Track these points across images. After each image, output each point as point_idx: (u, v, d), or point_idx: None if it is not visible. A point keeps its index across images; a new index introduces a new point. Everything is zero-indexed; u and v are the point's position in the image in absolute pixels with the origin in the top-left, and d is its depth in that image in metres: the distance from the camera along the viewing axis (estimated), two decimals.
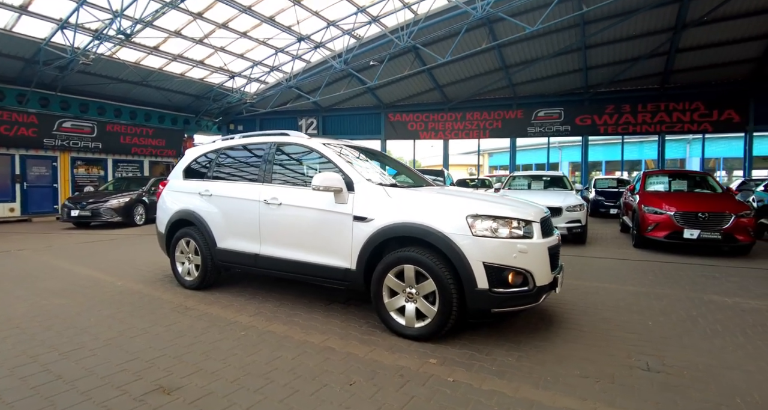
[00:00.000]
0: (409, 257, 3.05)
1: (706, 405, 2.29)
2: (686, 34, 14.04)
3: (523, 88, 18.43)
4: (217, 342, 3.06)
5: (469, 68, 17.18)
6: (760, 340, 3.21)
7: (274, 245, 3.81)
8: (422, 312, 3.06)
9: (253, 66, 16.04)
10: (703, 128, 16.80)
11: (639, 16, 13.30)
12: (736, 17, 13.19)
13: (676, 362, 2.82)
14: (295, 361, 2.74)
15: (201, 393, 2.33)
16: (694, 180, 8.78)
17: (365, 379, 2.50)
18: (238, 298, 4.18)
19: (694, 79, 16.40)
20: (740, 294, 4.50)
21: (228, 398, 2.28)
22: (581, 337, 3.23)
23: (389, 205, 3.25)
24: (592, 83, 17.48)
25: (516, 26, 13.09)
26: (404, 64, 16.30)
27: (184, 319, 3.56)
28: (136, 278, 5.01)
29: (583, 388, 2.45)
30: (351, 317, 3.63)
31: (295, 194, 3.73)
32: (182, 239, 4.52)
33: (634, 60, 15.65)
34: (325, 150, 3.77)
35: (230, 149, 4.52)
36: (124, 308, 3.86)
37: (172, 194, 4.78)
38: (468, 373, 2.61)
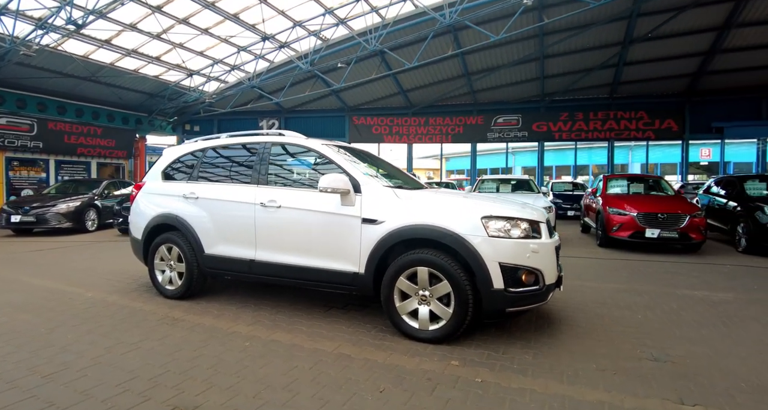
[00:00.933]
0: (423, 260, 3.02)
1: (717, 390, 2.44)
2: (633, 48, 15.12)
3: (483, 94, 19.04)
4: (221, 354, 2.87)
5: (433, 74, 17.50)
6: (739, 329, 3.47)
7: (272, 250, 3.63)
8: (436, 314, 3.04)
9: (213, 64, 15.42)
10: (647, 135, 18.14)
11: (593, 30, 14.16)
12: (675, 36, 14.39)
13: (677, 352, 2.98)
14: (314, 371, 2.62)
15: None
16: (649, 183, 9.43)
17: (393, 385, 2.43)
18: (228, 307, 3.96)
19: (639, 91, 17.69)
20: (706, 288, 4.86)
21: None
22: (584, 333, 3.34)
23: (399, 207, 3.20)
24: (548, 91, 18.37)
25: (480, 35, 13.52)
26: (370, 67, 16.33)
27: (176, 331, 3.31)
28: (107, 289, 4.61)
29: (605, 381, 2.53)
30: (356, 322, 3.54)
31: (296, 196, 3.59)
32: (163, 246, 4.21)
33: (587, 71, 16.63)
34: (326, 151, 3.66)
35: (218, 148, 4.29)
36: (103, 322, 3.52)
37: (149, 198, 4.44)
38: (492, 373, 2.61)
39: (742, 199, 7.93)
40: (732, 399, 2.35)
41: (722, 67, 15.63)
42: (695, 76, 16.42)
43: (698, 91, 17.05)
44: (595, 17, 13.58)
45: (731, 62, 15.38)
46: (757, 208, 7.22)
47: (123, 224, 9.42)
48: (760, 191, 8.42)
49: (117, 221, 9.59)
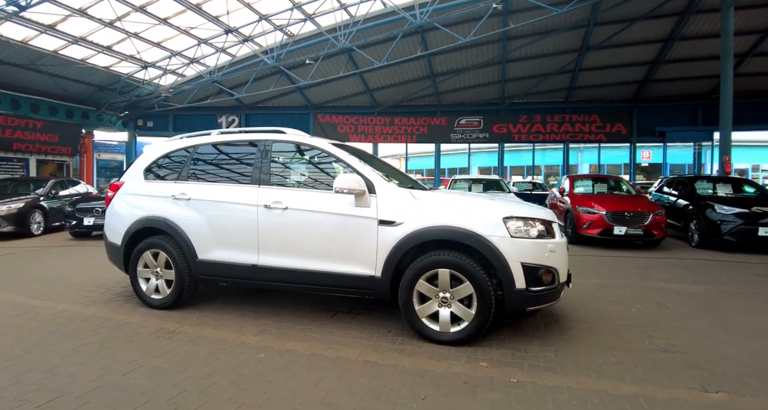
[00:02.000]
0: (445, 261, 2.99)
1: (729, 376, 2.61)
2: (589, 55, 15.99)
3: (447, 96, 19.38)
4: (237, 369, 2.66)
5: (399, 74, 17.58)
6: (723, 319, 3.73)
7: (277, 254, 3.44)
8: (458, 315, 3.01)
9: (170, 56, 14.57)
10: (599, 138, 19.26)
11: (553, 37, 14.81)
12: (626, 45, 15.37)
13: (680, 342, 3.16)
14: (345, 381, 2.50)
15: None
16: (611, 184, 10.00)
17: (433, 391, 2.38)
18: (225, 315, 3.71)
19: (593, 96, 18.74)
20: (679, 281, 5.20)
21: None
22: (590, 328, 3.45)
23: (417, 208, 3.15)
24: (508, 94, 19.02)
25: (446, 37, 13.73)
26: (337, 65, 16.12)
27: (177, 345, 3.04)
28: (80, 300, 4.18)
29: (629, 374, 2.63)
30: (368, 326, 3.44)
31: (303, 197, 3.43)
32: (148, 252, 3.87)
33: (545, 75, 17.38)
34: (334, 150, 3.53)
35: (210, 146, 4.01)
36: (88, 338, 3.17)
37: (130, 199, 4.07)
38: (523, 372, 2.63)
39: (693, 198, 8.58)
40: (745, 384, 2.51)
41: (665, 76, 16.90)
42: (642, 84, 17.63)
43: (644, 98, 18.32)
44: (556, 24, 14.20)
45: (673, 72, 16.67)
46: (708, 206, 7.84)
47: (77, 227, 8.67)
48: (708, 190, 9.16)
49: (69, 223, 8.80)
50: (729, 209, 7.54)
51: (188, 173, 3.92)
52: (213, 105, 18.36)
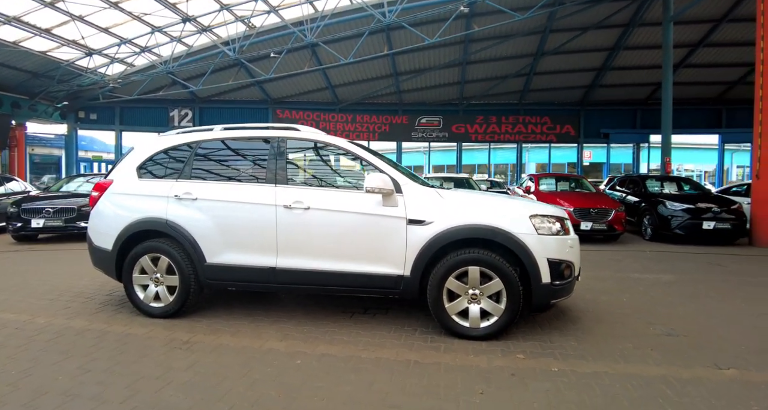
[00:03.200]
0: (476, 259, 3.06)
1: (731, 354, 2.91)
2: (543, 60, 16.86)
3: (409, 95, 19.64)
4: (278, 377, 2.55)
5: (362, 71, 17.54)
6: (703, 305, 4.13)
7: (299, 256, 3.34)
8: (488, 311, 3.10)
9: (120, 44, 13.52)
10: (549, 138, 20.39)
11: (512, 41, 15.45)
12: (577, 51, 16.38)
13: (680, 327, 3.46)
14: (396, 382, 2.48)
15: None
16: (572, 182, 10.65)
17: (486, 385, 2.44)
18: (236, 321, 3.53)
19: (544, 98, 19.79)
20: (649, 272, 5.67)
21: None
22: (596, 318, 3.68)
23: (445, 207, 3.19)
24: (466, 95, 19.62)
25: (411, 36, 13.90)
26: (300, 59, 15.79)
27: (200, 356, 2.84)
28: (59, 313, 3.77)
29: (649, 357, 2.86)
30: (391, 326, 3.42)
31: (326, 196, 3.35)
32: (146, 256, 3.58)
33: (502, 78, 18.11)
34: (357, 149, 3.49)
35: (215, 142, 3.80)
36: (92, 354, 2.87)
37: (122, 199, 3.74)
38: (559, 361, 2.77)
39: (645, 196, 9.36)
40: (747, 361, 2.81)
41: (610, 81, 18.22)
42: (589, 88, 18.89)
43: (591, 102, 19.65)
44: (515, 30, 14.83)
45: (617, 78, 18.02)
46: (659, 203, 8.60)
47: (22, 230, 7.84)
48: (656, 188, 10.04)
49: (13, 225, 7.91)
50: (678, 205, 8.30)
51: (192, 171, 3.68)
52: (165, 98, 17.29)
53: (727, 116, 19.07)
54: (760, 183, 8.01)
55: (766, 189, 7.89)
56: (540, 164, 28.05)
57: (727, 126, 19.10)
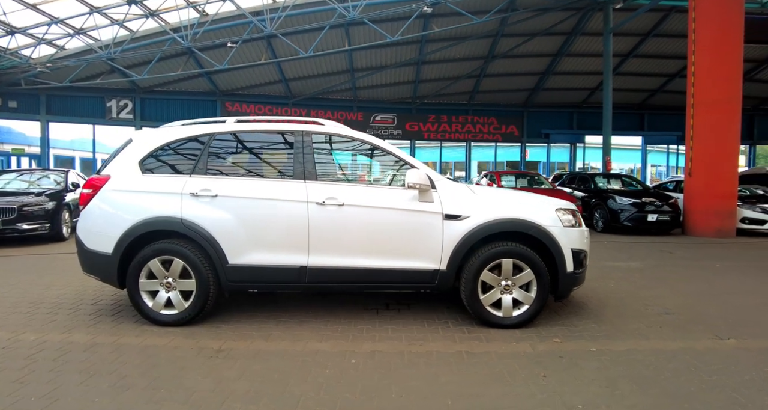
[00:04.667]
0: (509, 251, 3.22)
1: (724, 325, 3.35)
2: (493, 63, 17.69)
3: (364, 92, 19.66)
4: (342, 378, 2.49)
5: (318, 66, 17.26)
6: (673, 286, 4.65)
7: (332, 253, 3.27)
8: (519, 300, 3.28)
9: (50, 24, 12.09)
10: (496, 138, 21.46)
11: (466, 43, 16.04)
12: (524, 56, 17.39)
13: (672, 306, 3.89)
14: (460, 373, 2.55)
15: None
16: (530, 178, 11.35)
17: (542, 369, 2.60)
18: (259, 324, 3.37)
19: (492, 100, 20.77)
20: (618, 260, 6.24)
21: None
22: (600, 302, 4.01)
23: (478, 202, 3.32)
24: (420, 94, 20.05)
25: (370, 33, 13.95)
26: (254, 51, 15.20)
27: (245, 364, 2.69)
28: (47, 327, 3.33)
29: (662, 333, 3.21)
30: (421, 320, 3.46)
31: (361, 192, 3.32)
32: (155, 260, 3.29)
33: (455, 79, 18.73)
34: (386, 145, 3.50)
35: (231, 135, 3.59)
36: (119, 370, 2.58)
37: (124, 196, 3.39)
38: (592, 342, 3.02)
39: (596, 191, 10.24)
40: (738, 331, 3.26)
41: (552, 85, 19.55)
42: (533, 91, 20.13)
43: (534, 104, 20.94)
44: (470, 32, 15.42)
45: (558, 82, 19.38)
46: (609, 198, 9.46)
47: None
48: (603, 185, 11.00)
49: None
50: (626, 200, 9.19)
51: (207, 166, 3.45)
52: (101, 86, 15.77)
53: (648, 120, 21.30)
54: (692, 180, 9.10)
55: (697, 185, 8.97)
56: (483, 162, 29.40)
57: (649, 129, 21.35)
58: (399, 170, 3.50)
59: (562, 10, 14.28)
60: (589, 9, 14.34)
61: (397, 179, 3.51)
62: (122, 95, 16.78)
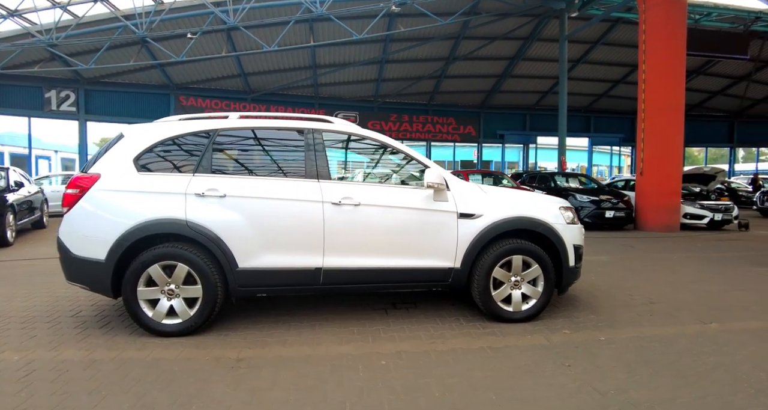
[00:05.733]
0: (520, 248, 3.35)
1: (703, 311, 3.70)
2: (454, 64, 18.12)
3: (326, 89, 19.43)
4: (381, 380, 2.46)
5: (279, 61, 16.85)
6: (645, 277, 5.04)
7: (349, 254, 3.22)
8: (528, 295, 3.42)
9: None
10: (454, 138, 22.02)
11: (429, 45, 16.32)
12: (484, 59, 17.99)
13: (652, 295, 4.22)
14: (492, 368, 2.61)
15: None
16: (495, 177, 11.78)
17: (565, 359, 2.74)
18: (271, 330, 3.24)
19: (451, 100, 21.27)
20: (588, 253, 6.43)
21: None
22: (589, 294, 4.27)
23: (490, 201, 3.42)
24: (382, 93, 20.13)
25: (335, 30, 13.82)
26: (213, 43, 14.55)
27: (273, 372, 2.57)
28: (34, 343, 3.00)
29: (655, 321, 3.49)
30: (433, 318, 3.50)
31: (376, 192, 3.30)
32: (155, 265, 3.06)
33: (417, 79, 19.00)
34: (397, 144, 3.51)
35: (235, 131, 3.43)
36: (134, 389, 2.37)
37: (118, 197, 3.12)
38: (599, 332, 3.22)
39: (556, 189, 10.83)
40: (716, 316, 3.61)
41: (507, 88, 20.37)
42: (489, 93, 20.86)
43: (490, 105, 21.71)
44: (434, 33, 15.70)
45: (513, 85, 20.22)
46: (569, 195, 10.04)
47: None
48: (563, 183, 11.66)
49: None
50: (585, 197, 9.80)
51: (212, 165, 3.27)
52: (38, 75, 14.35)
53: (594, 122, 22.78)
54: (644, 179, 9.88)
55: (648, 184, 9.75)
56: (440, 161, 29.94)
57: (594, 131, 22.84)
58: (411, 169, 3.53)
59: (521, 16, 14.92)
60: (546, 16, 15.10)
61: (409, 178, 3.53)
62: (64, 86, 15.38)
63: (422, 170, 3.43)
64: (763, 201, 13.46)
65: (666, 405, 2.21)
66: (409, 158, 3.51)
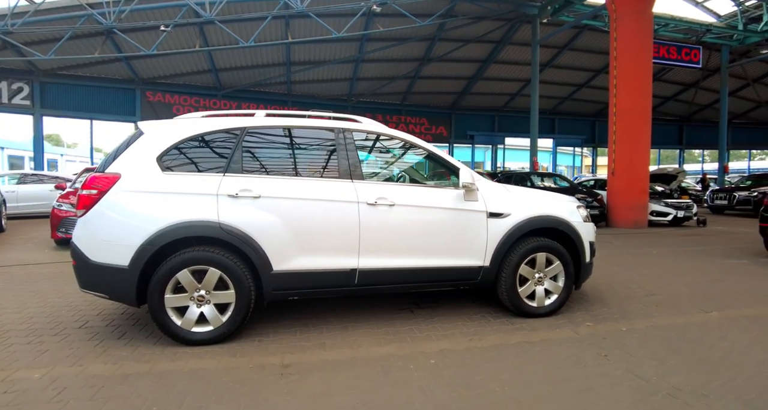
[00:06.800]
0: (544, 246, 3.50)
1: (699, 302, 4.00)
2: (428, 65, 18.37)
3: (299, 87, 19.14)
4: (429, 379, 2.53)
5: (252, 57, 16.45)
6: (636, 271, 5.36)
7: (383, 254, 3.23)
8: (550, 290, 3.58)
9: None
10: (427, 138, 22.19)
11: (405, 45, 16.45)
12: (456, 61, 18.35)
13: (650, 288, 4.52)
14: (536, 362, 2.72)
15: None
16: None
17: (600, 350, 2.90)
18: (303, 334, 3.20)
19: (423, 101, 21.55)
20: None
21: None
22: (594, 289, 4.50)
23: (515, 200, 3.54)
24: (356, 92, 20.08)
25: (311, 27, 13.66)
26: (184, 37, 13.96)
27: (326, 377, 2.54)
28: (48, 359, 2.78)
29: (662, 311, 3.74)
30: (460, 316, 3.58)
31: (410, 192, 3.34)
32: (185, 271, 2.94)
33: (391, 79, 19.11)
34: (425, 144, 3.56)
35: (264, 130, 3.36)
36: (184, 401, 2.25)
37: (143, 198, 2.96)
38: (618, 323, 3.43)
39: None
40: (714, 304, 3.92)
41: (477, 90, 20.89)
42: (460, 94, 21.31)
43: (461, 107, 22.19)
44: (411, 34, 15.85)
45: (483, 87, 20.76)
46: None
47: None
48: (539, 183, 12.12)
49: None
50: None
51: (242, 164, 3.18)
52: None
53: (558, 124, 23.79)
54: (615, 179, 10.47)
55: (619, 184, 10.34)
56: None
57: (558, 133, 23.85)
58: (438, 169, 3.60)
59: (495, 20, 15.35)
60: (518, 21, 15.62)
61: (437, 178, 3.60)
62: (16, 77, 14.25)
63: (450, 169, 3.51)
64: (713, 199, 14.60)
65: (705, 389, 2.40)
66: (436, 158, 3.57)
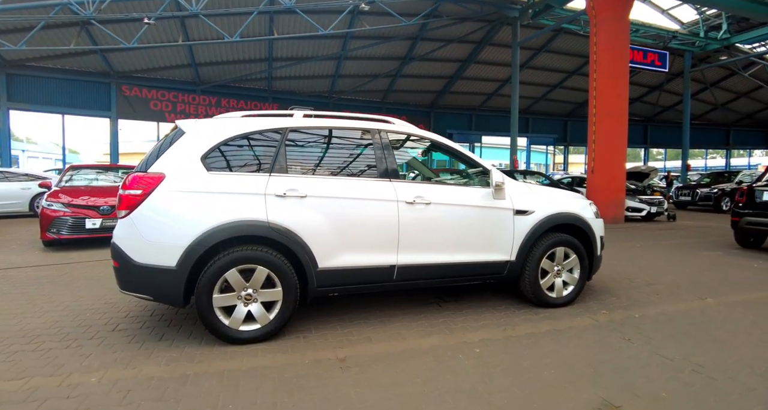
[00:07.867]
0: (563, 241, 3.78)
1: (691, 289, 4.39)
2: (410, 64, 18.60)
3: (281, 83, 18.96)
4: (483, 367, 2.72)
5: (234, 52, 16.17)
6: (630, 262, 5.78)
7: (420, 251, 3.41)
8: (567, 282, 3.87)
9: None
10: None
11: (389, 44, 16.59)
12: (437, 60, 18.66)
13: (648, 278, 4.89)
14: (569, 348, 2.95)
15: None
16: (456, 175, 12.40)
17: (621, 335, 3.18)
18: (346, 329, 3.32)
19: (404, 99, 21.80)
20: None
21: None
22: (597, 280, 4.81)
23: (537, 198, 3.80)
24: (337, 90, 20.08)
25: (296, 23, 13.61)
26: (167, 30, 13.57)
27: (385, 369, 2.64)
28: (99, 362, 2.76)
29: (665, 300, 4.09)
30: (484, 308, 3.76)
31: (444, 191, 3.52)
32: (233, 270, 2.99)
33: (373, 77, 19.22)
34: (452, 144, 3.76)
35: (304, 130, 3.46)
36: (260, 397, 2.31)
37: (189, 198, 2.98)
38: (629, 311, 3.74)
39: None
40: (708, 292, 4.31)
41: (457, 89, 21.32)
42: (440, 93, 21.68)
43: (440, 105, 22.57)
44: (395, 33, 16.00)
45: (462, 87, 21.21)
46: None
47: None
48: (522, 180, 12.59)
49: None
50: None
51: (287, 164, 3.27)
52: None
53: (532, 123, 24.61)
54: (595, 177, 11.04)
55: (598, 181, 10.92)
56: None
57: (532, 131, 24.67)
58: (467, 168, 3.80)
59: (477, 21, 15.72)
60: (499, 22, 16.06)
61: (465, 177, 3.80)
62: None
63: (478, 169, 3.73)
64: (678, 195, 15.60)
65: (722, 365, 2.72)
66: (464, 157, 3.77)
